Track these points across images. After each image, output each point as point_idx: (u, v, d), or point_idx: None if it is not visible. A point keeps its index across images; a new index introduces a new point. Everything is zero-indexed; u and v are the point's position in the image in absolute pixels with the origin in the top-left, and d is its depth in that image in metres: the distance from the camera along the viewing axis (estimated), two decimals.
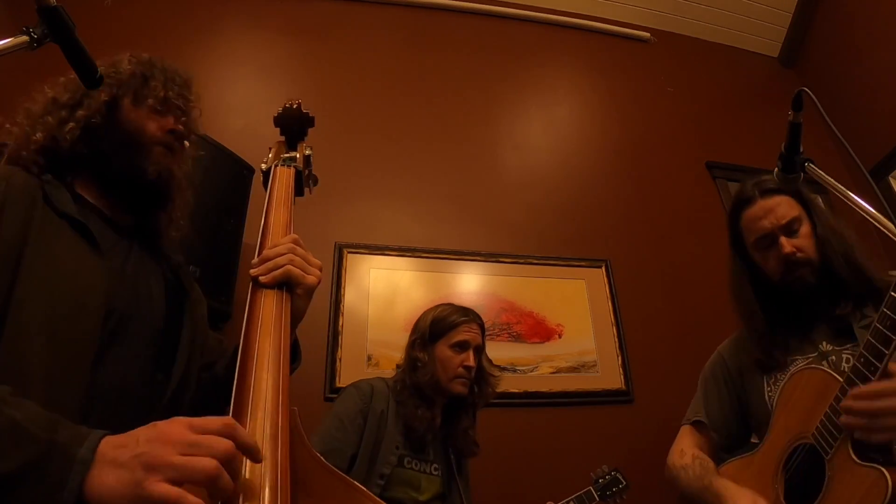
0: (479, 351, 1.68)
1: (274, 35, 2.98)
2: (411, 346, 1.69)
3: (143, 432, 0.53)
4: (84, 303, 0.75)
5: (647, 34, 3.59)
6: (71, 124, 0.91)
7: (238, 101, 2.65)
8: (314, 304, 0.89)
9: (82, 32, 0.79)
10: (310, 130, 1.16)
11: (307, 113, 1.15)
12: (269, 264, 0.81)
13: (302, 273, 0.83)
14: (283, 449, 0.58)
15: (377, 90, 2.96)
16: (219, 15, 2.93)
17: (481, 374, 1.69)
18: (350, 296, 2.36)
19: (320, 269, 0.87)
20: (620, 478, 1.80)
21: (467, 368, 1.61)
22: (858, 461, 0.95)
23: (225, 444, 0.50)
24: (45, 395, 0.65)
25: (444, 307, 1.73)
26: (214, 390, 0.95)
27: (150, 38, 2.69)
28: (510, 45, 3.36)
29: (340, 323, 2.29)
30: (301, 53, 2.96)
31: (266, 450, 0.57)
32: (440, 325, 1.65)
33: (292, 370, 0.93)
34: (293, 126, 1.16)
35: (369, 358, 2.25)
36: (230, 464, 0.50)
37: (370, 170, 2.68)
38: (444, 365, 1.61)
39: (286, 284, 0.81)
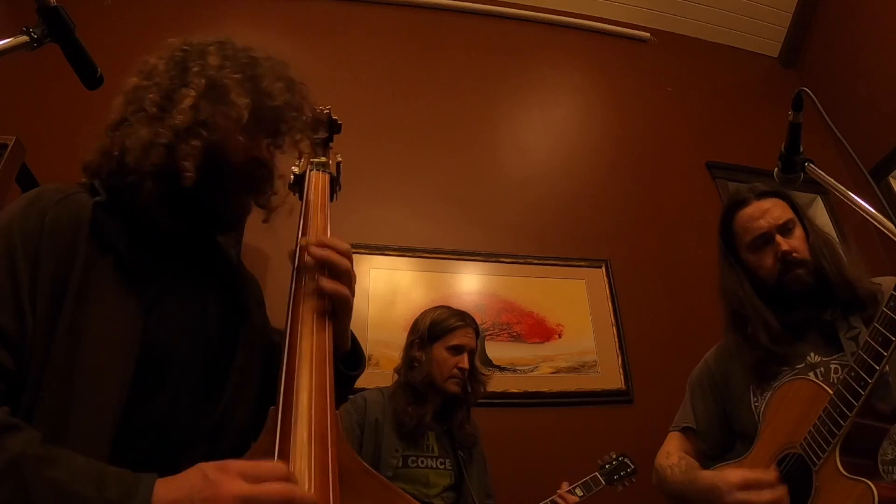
0: (473, 353, 1.80)
1: (273, 35, 2.97)
2: (409, 346, 1.79)
3: (195, 486, 0.52)
4: (114, 357, 0.67)
5: (647, 34, 3.58)
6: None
7: None
8: None
9: (82, 32, 0.79)
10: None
11: (335, 119, 1.14)
12: (328, 252, 0.76)
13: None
14: (332, 449, 0.60)
15: (376, 90, 2.96)
16: (219, 15, 2.92)
17: (473, 374, 1.81)
18: None
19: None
20: (628, 462, 1.82)
21: (461, 370, 1.72)
22: (846, 474, 0.95)
23: (281, 490, 0.51)
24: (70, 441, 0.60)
25: (442, 310, 1.84)
26: None
27: (150, 39, 2.69)
28: (510, 45, 3.36)
29: None
30: (300, 54, 2.95)
31: (315, 451, 0.58)
32: (438, 328, 1.76)
33: (358, 374, 0.89)
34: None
35: (369, 358, 2.25)
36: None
37: (370, 170, 2.68)
38: (440, 365, 1.72)
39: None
